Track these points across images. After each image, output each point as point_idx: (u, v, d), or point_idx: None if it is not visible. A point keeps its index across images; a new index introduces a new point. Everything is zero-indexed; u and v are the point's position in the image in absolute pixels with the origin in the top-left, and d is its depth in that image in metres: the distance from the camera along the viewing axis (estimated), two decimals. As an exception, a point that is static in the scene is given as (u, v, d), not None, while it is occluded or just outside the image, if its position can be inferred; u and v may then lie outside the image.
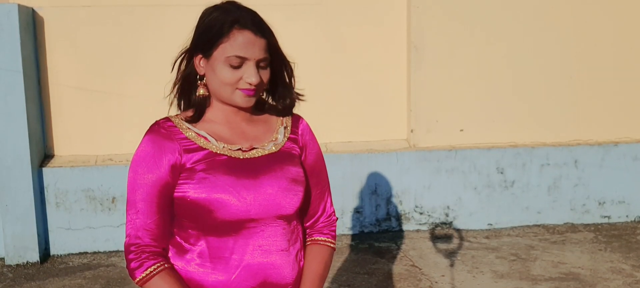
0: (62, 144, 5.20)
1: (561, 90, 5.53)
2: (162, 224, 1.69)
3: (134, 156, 1.70)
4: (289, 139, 1.80)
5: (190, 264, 1.71)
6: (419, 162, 5.31)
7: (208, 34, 1.68)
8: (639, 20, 5.56)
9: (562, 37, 5.47)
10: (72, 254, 4.94)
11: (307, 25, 5.35)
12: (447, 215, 5.40)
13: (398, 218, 5.36)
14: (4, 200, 4.71)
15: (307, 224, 1.88)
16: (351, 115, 5.50)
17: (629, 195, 5.56)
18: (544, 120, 5.53)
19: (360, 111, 5.50)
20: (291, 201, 1.72)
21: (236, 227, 1.68)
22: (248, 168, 1.69)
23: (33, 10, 4.99)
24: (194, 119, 1.73)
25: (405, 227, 5.37)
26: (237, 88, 1.67)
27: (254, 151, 1.73)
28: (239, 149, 1.71)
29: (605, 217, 5.56)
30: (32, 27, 4.96)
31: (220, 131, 1.73)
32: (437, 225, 5.40)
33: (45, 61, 5.08)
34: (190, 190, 1.66)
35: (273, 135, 1.79)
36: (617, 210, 5.57)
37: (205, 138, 1.70)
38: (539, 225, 5.47)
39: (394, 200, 5.33)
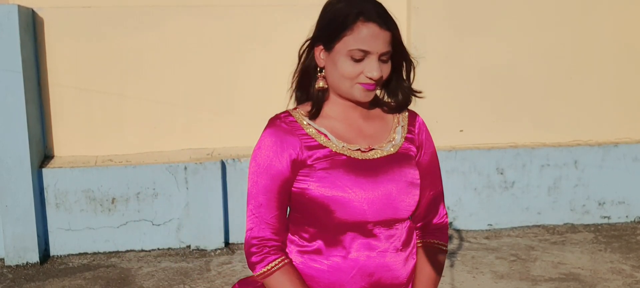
0: (62, 144, 5.20)
1: (561, 90, 5.53)
2: (282, 218, 1.69)
3: (255, 149, 1.68)
4: (405, 138, 1.77)
5: (306, 261, 1.70)
6: (419, 163, 5.30)
7: (331, 26, 1.63)
8: (639, 20, 5.56)
9: (562, 38, 5.47)
10: (72, 255, 4.94)
11: (307, 26, 5.33)
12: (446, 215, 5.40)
13: (398, 218, 5.36)
14: (4, 200, 4.71)
15: (420, 225, 1.85)
16: (351, 115, 5.49)
17: (629, 195, 5.56)
18: (544, 121, 5.53)
19: (360, 111, 5.50)
20: (408, 204, 1.70)
21: (353, 227, 1.66)
22: (367, 170, 1.66)
23: (33, 11, 4.99)
24: (313, 114, 1.69)
25: (405, 227, 5.37)
26: (357, 82, 1.63)
27: (373, 152, 1.70)
28: (358, 149, 1.68)
29: (605, 217, 5.56)
30: (32, 27, 4.96)
31: (339, 128, 1.70)
32: (437, 226, 5.40)
33: (45, 62, 5.08)
34: (310, 187, 1.64)
35: (390, 134, 1.75)
36: (617, 210, 5.57)
37: (326, 136, 1.67)
38: (539, 226, 5.47)
39: (394, 200, 5.33)
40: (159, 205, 4.97)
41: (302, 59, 1.73)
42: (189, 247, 5.04)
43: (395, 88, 1.74)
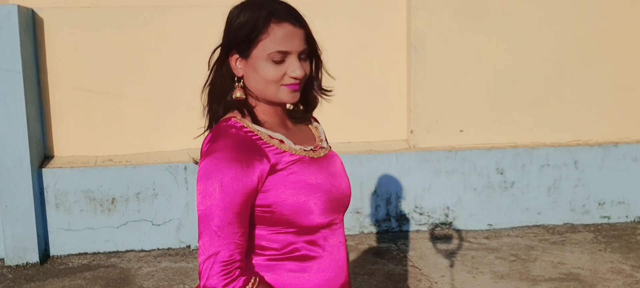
0: (62, 144, 5.20)
1: (561, 90, 5.53)
2: (247, 236, 1.56)
3: (214, 162, 1.52)
4: (325, 137, 1.79)
5: (282, 272, 1.62)
6: (418, 163, 5.31)
7: (244, 32, 1.57)
8: (638, 20, 5.56)
9: (562, 38, 5.47)
10: (72, 255, 4.94)
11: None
12: (447, 215, 5.40)
13: (398, 218, 5.36)
14: (4, 201, 4.71)
15: None
16: (351, 115, 5.50)
17: (629, 195, 5.56)
18: (544, 121, 5.53)
19: (360, 112, 5.50)
20: (350, 195, 1.74)
21: (326, 226, 1.64)
22: (326, 168, 1.66)
23: (33, 11, 4.99)
24: (254, 121, 1.61)
25: (405, 227, 5.37)
26: (282, 84, 1.59)
27: (319, 151, 1.69)
28: (311, 150, 1.66)
29: (605, 217, 5.56)
30: (32, 28, 4.96)
31: (283, 132, 1.65)
32: (437, 226, 5.40)
33: (45, 62, 5.08)
34: (283, 195, 1.56)
35: (316, 134, 1.76)
36: (616, 210, 5.57)
37: (281, 141, 1.61)
38: (538, 226, 5.47)
39: (394, 200, 5.33)
40: (158, 205, 4.97)
41: (214, 71, 1.66)
42: (189, 247, 5.04)
43: (306, 89, 1.68)
